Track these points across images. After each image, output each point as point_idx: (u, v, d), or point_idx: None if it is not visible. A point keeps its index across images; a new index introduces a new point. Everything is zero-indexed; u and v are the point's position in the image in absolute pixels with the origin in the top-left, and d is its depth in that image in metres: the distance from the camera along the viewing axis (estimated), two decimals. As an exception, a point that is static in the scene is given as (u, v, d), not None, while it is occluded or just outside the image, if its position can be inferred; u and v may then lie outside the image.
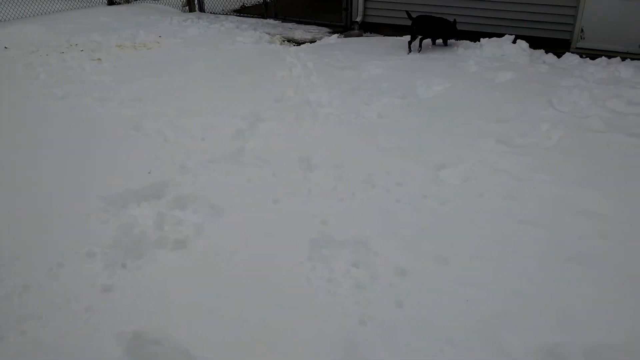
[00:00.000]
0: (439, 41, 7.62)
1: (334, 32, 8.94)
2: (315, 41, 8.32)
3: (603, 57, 6.50)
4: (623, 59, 6.47)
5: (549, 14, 7.38)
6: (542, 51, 6.89)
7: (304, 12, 10.20)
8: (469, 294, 2.67)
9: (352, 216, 3.37)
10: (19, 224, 3.18)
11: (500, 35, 7.17)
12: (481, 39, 7.14)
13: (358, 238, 3.12)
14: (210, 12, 10.78)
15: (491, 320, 2.50)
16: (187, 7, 10.85)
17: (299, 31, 9.09)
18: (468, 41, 7.44)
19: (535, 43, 7.05)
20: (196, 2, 10.89)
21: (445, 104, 5.27)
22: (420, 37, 7.29)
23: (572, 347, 2.31)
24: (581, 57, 6.69)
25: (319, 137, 4.57)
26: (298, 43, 8.29)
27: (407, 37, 8.17)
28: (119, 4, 11.22)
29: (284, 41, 8.41)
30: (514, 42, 6.96)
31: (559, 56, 6.75)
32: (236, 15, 10.51)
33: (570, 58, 6.64)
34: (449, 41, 7.54)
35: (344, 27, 9.22)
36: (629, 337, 2.39)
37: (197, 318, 2.51)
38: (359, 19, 9.00)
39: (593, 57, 6.65)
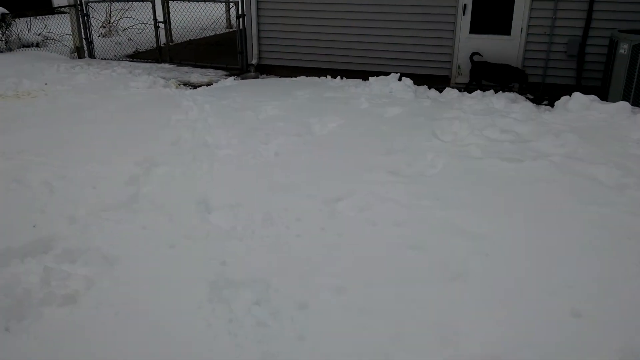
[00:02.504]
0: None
1: (230, 75, 9.06)
2: (212, 84, 8.37)
3: (478, 91, 7.15)
4: (496, 92, 7.15)
5: (429, 54, 8.03)
6: (425, 87, 7.44)
7: (200, 56, 10.26)
8: (365, 321, 2.77)
9: (252, 255, 3.39)
10: None
11: (387, 74, 7.65)
12: (370, 78, 7.57)
13: (258, 276, 3.13)
14: (102, 58, 10.51)
15: (387, 345, 2.60)
16: (76, 54, 10.50)
17: (196, 74, 9.11)
18: (359, 79, 7.85)
19: (419, 80, 7.60)
20: (86, 48, 10.58)
21: (339, 139, 5.49)
22: (477, 82, 7.48)
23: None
24: (460, 91, 7.30)
25: (217, 179, 4.56)
26: (194, 86, 8.29)
27: (301, 78, 8.49)
28: (0, 52, 10.61)
29: (179, 85, 8.38)
30: (400, 79, 7.45)
31: (440, 91, 7.32)
32: (129, 61, 10.33)
33: (450, 92, 7.22)
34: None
35: (241, 69, 9.38)
36: (508, 346, 2.59)
37: (89, 376, 2.37)
38: (254, 61, 9.21)
39: (470, 91, 7.28)
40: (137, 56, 10.81)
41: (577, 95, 6.15)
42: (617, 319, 2.73)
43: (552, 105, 6.32)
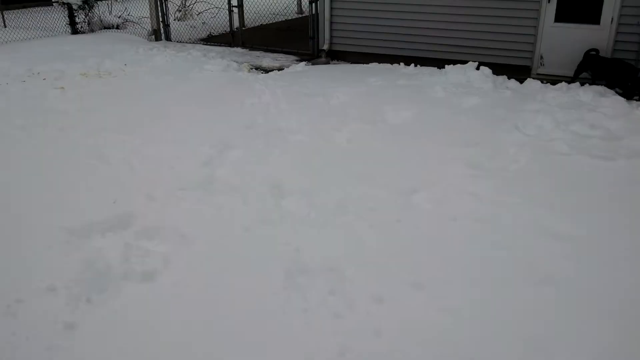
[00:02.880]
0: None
1: (301, 60, 9.00)
2: (283, 69, 8.35)
3: (563, 83, 6.72)
4: (582, 84, 6.69)
5: (510, 42, 7.62)
6: (504, 77, 7.07)
7: (272, 40, 10.27)
8: (446, 322, 2.63)
9: (326, 243, 3.31)
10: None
11: (463, 62, 7.34)
12: (446, 66, 7.29)
13: (333, 265, 3.06)
14: (177, 41, 10.74)
15: (470, 349, 2.46)
16: (153, 37, 10.78)
17: (267, 59, 9.12)
18: (434, 68, 7.58)
19: (498, 69, 7.23)
20: (162, 31, 10.85)
21: (414, 129, 5.31)
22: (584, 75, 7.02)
23: (552, 371, 2.29)
24: (542, 82, 6.89)
25: (290, 164, 4.52)
26: (266, 71, 8.30)
27: (373, 64, 8.31)
28: (83, 33, 11.08)
29: (251, 69, 8.41)
30: (478, 68, 7.12)
31: (521, 82, 6.94)
32: (203, 44, 10.50)
33: (532, 84, 6.82)
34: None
35: (311, 55, 9.30)
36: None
37: (166, 355, 2.38)
38: (325, 47, 9.10)
39: (553, 83, 6.86)
40: (210, 40, 10.98)
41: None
42: None
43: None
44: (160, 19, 10.76)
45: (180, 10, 13.09)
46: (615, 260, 3.09)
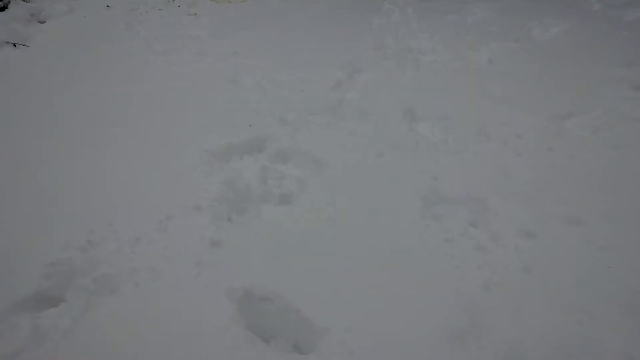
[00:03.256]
0: None
1: (432, -25, 8.32)
2: (413, -15, 7.78)
3: None
4: None
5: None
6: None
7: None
8: (609, 260, 2.35)
9: (467, 171, 3.09)
10: (128, 176, 3.22)
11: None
12: (605, -28, 6.28)
13: (475, 195, 2.85)
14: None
15: (635, 291, 2.17)
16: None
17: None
18: (589, -24, 6.58)
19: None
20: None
21: (565, 47, 4.70)
22: None
23: None
24: None
25: (423, 87, 4.25)
26: (394, -12, 7.80)
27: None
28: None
29: (378, -13, 7.95)
30: (646, -27, 6.05)
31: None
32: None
33: None
34: None
35: (443, -32, 8.55)
36: None
37: (307, 276, 2.40)
38: (459, -42, 8.29)
39: None
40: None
41: None
42: None
43: None
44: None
45: None
46: None
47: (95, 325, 2.17)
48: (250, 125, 3.80)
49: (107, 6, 7.38)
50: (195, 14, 6.84)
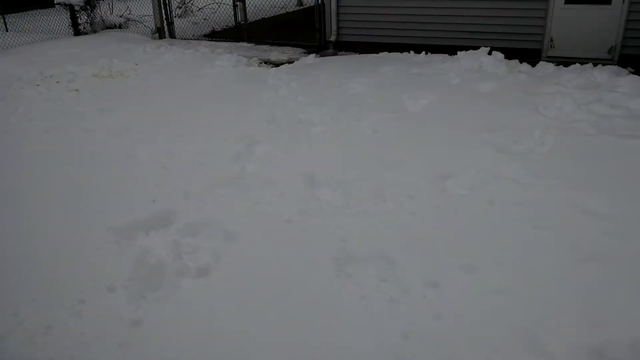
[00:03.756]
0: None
1: (309, 53, 9.00)
2: (293, 62, 8.35)
3: (577, 64, 6.76)
4: (595, 65, 6.73)
5: (520, 26, 7.66)
6: (516, 61, 7.10)
7: (276, 34, 10.28)
8: (502, 302, 2.68)
9: (370, 232, 3.36)
10: (31, 262, 3.02)
11: (474, 48, 7.36)
12: (458, 52, 7.31)
13: (381, 253, 3.11)
14: (182, 38, 10.72)
15: (530, 326, 2.52)
16: (157, 35, 10.76)
17: (275, 53, 9.12)
18: (445, 55, 7.61)
19: (508, 54, 7.26)
20: (166, 29, 10.82)
21: (435, 116, 5.35)
22: None
23: (616, 344, 2.34)
24: (554, 64, 6.92)
25: (319, 155, 4.55)
26: (276, 64, 8.31)
27: (383, 54, 8.31)
28: (86, 34, 11.04)
29: (261, 63, 8.42)
30: (490, 53, 7.15)
31: (533, 65, 6.97)
32: (208, 40, 10.49)
33: (545, 66, 6.86)
34: None
35: (319, 47, 9.31)
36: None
37: (233, 348, 2.42)
38: (333, 38, 9.11)
39: (566, 65, 6.89)
40: (214, 35, 10.95)
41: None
42: None
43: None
44: (164, 17, 10.73)
45: (180, 7, 13.03)
46: (657, 236, 3.15)
47: None
48: (153, 201, 3.79)
49: (-25, 82, 6.94)
50: (77, 90, 6.67)
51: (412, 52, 8.05)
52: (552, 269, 2.90)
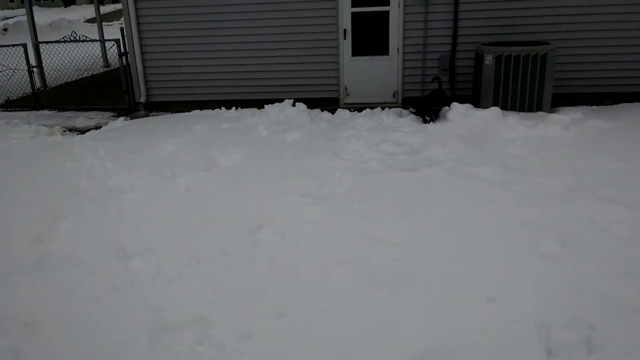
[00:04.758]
0: None
1: (118, 116, 8.75)
2: (101, 127, 8.05)
3: (368, 109, 7.63)
4: (383, 108, 7.68)
5: (318, 77, 8.43)
6: (318, 110, 7.78)
7: (82, 98, 9.82)
8: (310, 339, 2.91)
9: (185, 295, 3.38)
10: None
11: (281, 100, 7.90)
12: (265, 106, 7.77)
13: (195, 315, 3.14)
14: (-32, 111, 9.64)
15: (334, 357, 2.76)
16: None
17: (80, 119, 8.70)
18: (254, 109, 8.01)
19: (311, 103, 7.94)
20: (-53, 101, 9.65)
21: (247, 169, 5.59)
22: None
23: (407, 358, 2.69)
24: (350, 110, 7.74)
25: (129, 224, 4.45)
26: (82, 131, 7.93)
27: (195, 112, 8.50)
28: None
29: (65, 131, 7.95)
30: (294, 104, 7.73)
31: (332, 112, 7.71)
32: (2, 111, 9.59)
33: (342, 113, 7.62)
34: None
35: (129, 109, 9.12)
36: (442, 338, 2.87)
37: None
38: (143, 99, 9.00)
39: (359, 110, 7.75)
40: (10, 105, 10.04)
41: (455, 105, 6.80)
42: (530, 300, 3.14)
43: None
44: (-57, 89, 9.58)
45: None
46: (430, 254, 3.68)
47: None
48: None
49: None
50: None
51: (223, 108, 8.33)
52: (349, 297, 3.24)
